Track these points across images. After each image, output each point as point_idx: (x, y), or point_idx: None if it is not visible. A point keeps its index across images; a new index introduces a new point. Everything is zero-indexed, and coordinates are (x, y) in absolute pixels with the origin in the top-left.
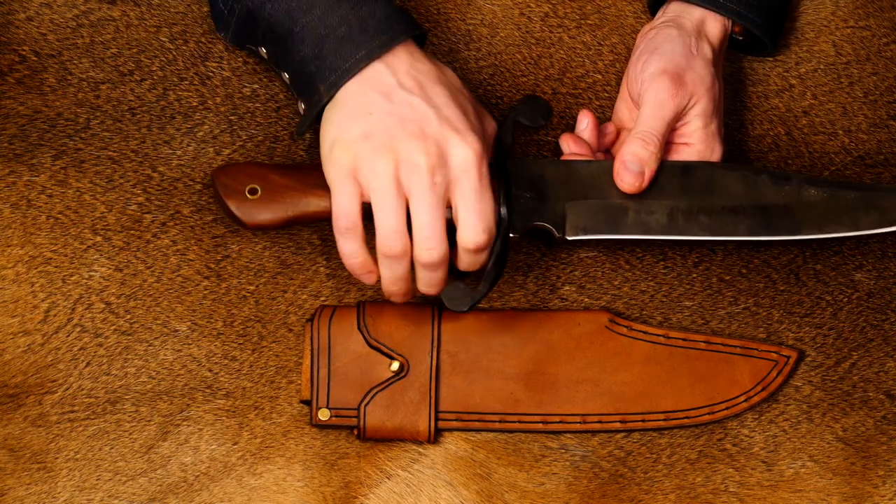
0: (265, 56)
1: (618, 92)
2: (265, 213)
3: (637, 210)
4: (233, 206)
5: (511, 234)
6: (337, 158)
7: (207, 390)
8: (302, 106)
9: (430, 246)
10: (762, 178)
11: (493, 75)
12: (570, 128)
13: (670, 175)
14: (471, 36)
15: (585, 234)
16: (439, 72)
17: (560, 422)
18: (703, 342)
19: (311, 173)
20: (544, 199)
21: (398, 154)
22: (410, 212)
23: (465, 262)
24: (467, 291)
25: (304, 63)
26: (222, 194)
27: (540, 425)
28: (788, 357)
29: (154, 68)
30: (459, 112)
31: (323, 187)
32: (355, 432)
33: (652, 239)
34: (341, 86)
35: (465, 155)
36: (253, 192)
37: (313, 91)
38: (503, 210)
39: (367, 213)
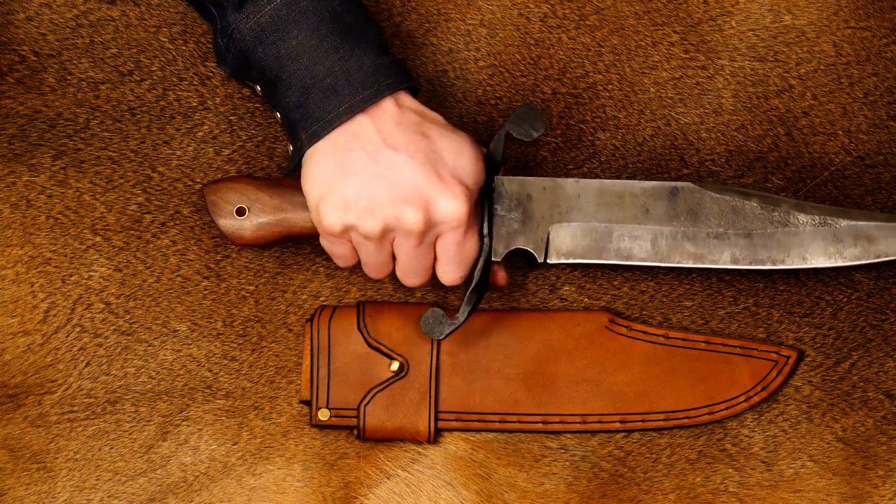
0: (260, 94)
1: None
2: (253, 233)
3: (621, 235)
4: (221, 226)
5: (493, 259)
6: (325, 219)
7: (207, 390)
8: (290, 148)
9: (412, 281)
10: (751, 203)
11: (493, 75)
12: (570, 128)
13: (657, 198)
14: (470, 36)
15: (567, 258)
16: (427, 122)
17: (560, 422)
18: (703, 342)
19: (299, 192)
20: (529, 220)
21: (386, 220)
22: (395, 254)
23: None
24: (445, 319)
25: (290, 109)
26: (211, 213)
27: (540, 425)
28: (788, 357)
29: (154, 68)
30: (448, 157)
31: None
32: (355, 432)
33: (635, 265)
34: (323, 136)
35: (452, 210)
36: (241, 212)
37: (297, 138)
38: (485, 235)
39: None
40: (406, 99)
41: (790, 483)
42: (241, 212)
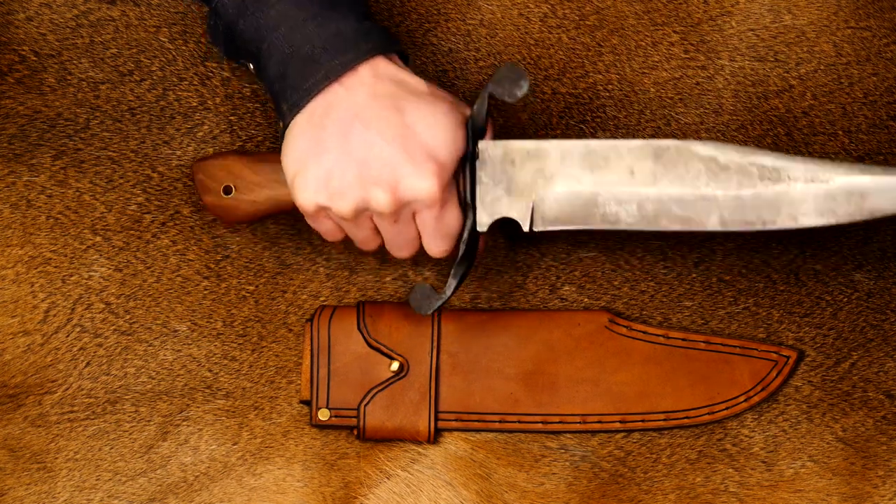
0: (253, 72)
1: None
2: (240, 211)
3: (606, 200)
4: (209, 205)
5: (478, 230)
6: (299, 197)
7: (207, 390)
8: (280, 124)
9: (400, 254)
10: (741, 161)
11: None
12: (570, 128)
13: (642, 159)
14: (470, 36)
15: (553, 225)
16: (403, 92)
17: (560, 422)
18: (703, 342)
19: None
20: (513, 187)
21: (357, 200)
22: (378, 227)
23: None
24: (433, 294)
25: (272, 81)
26: (199, 192)
27: (540, 425)
28: (788, 357)
29: (154, 68)
30: (419, 139)
31: None
32: (355, 432)
33: (621, 230)
34: (302, 106)
35: (422, 189)
36: (227, 190)
37: (280, 111)
38: (469, 204)
39: None
40: (385, 66)
41: (790, 483)
42: (227, 190)
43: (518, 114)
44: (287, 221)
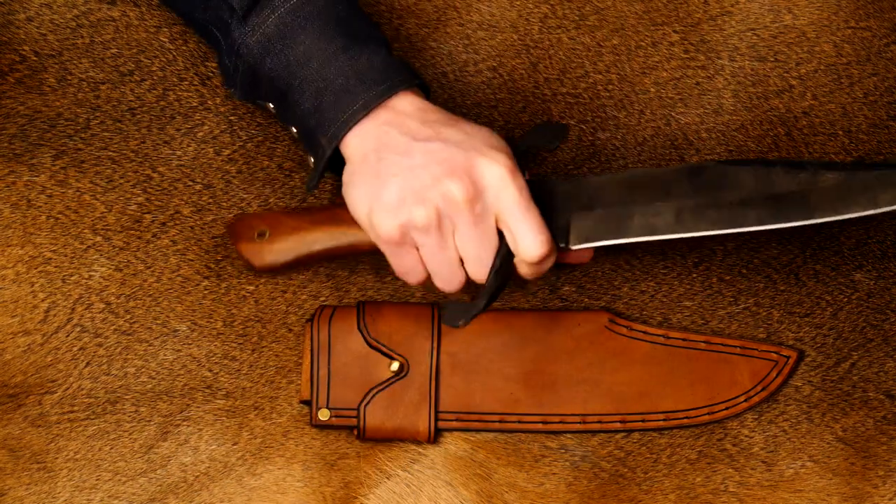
0: (273, 111)
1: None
2: (273, 255)
3: (643, 213)
4: (242, 249)
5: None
6: (381, 228)
7: (207, 390)
8: (311, 160)
9: (480, 276)
10: (776, 169)
11: (493, 78)
12: (570, 128)
13: (678, 178)
14: (469, 38)
15: (589, 241)
16: (445, 114)
17: (560, 422)
18: (703, 342)
19: (321, 212)
20: (551, 212)
21: (434, 201)
22: (458, 245)
23: (529, 273)
24: (466, 307)
25: (305, 117)
26: (232, 239)
27: (540, 425)
28: (788, 357)
29: (154, 68)
30: (479, 138)
31: (332, 224)
32: (355, 432)
33: (659, 240)
34: (341, 137)
35: (497, 172)
36: (262, 234)
37: (317, 145)
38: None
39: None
40: (414, 98)
41: (790, 483)
42: (261, 234)
43: (518, 114)
44: None
